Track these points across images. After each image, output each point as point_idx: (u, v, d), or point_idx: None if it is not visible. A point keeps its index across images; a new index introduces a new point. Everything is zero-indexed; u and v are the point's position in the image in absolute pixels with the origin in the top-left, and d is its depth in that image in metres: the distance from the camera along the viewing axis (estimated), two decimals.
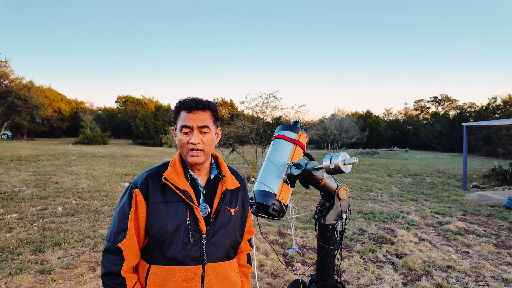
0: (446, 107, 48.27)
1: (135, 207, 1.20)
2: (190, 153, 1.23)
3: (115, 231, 1.21)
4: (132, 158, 14.97)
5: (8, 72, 26.80)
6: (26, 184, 7.69)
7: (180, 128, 1.23)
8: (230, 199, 1.33)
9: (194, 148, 1.22)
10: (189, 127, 1.22)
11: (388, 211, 6.63)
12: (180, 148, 1.25)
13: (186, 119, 1.22)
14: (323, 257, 1.80)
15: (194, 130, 1.23)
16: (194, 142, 1.21)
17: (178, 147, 1.26)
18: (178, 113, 1.26)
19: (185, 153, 1.25)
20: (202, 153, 1.24)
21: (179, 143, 1.25)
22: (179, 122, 1.25)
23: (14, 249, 3.87)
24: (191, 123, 1.22)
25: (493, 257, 4.29)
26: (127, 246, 1.19)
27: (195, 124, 1.22)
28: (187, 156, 1.24)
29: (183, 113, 1.24)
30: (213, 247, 1.24)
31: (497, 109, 31.19)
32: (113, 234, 1.21)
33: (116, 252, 1.19)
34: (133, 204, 1.20)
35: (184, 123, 1.22)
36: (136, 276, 1.24)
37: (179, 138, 1.24)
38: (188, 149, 1.23)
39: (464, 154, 10.51)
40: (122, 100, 44.28)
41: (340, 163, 1.56)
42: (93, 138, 26.87)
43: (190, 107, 1.23)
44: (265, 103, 10.44)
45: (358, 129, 26.40)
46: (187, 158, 1.25)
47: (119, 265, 1.18)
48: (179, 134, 1.24)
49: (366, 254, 4.24)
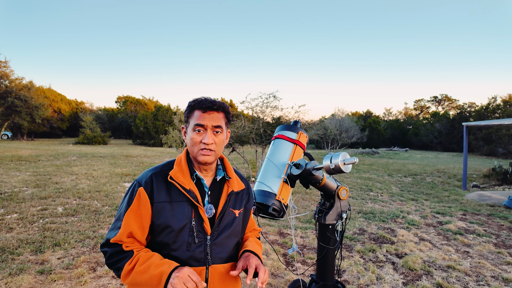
0: (446, 106, 48.28)
1: (138, 205, 1.18)
2: (201, 152, 1.22)
3: (112, 227, 1.21)
4: (132, 158, 14.96)
5: (8, 72, 26.78)
6: (26, 185, 7.69)
7: (194, 127, 1.22)
8: (235, 201, 1.32)
9: (206, 147, 1.22)
10: (203, 126, 1.22)
11: (388, 211, 6.63)
12: (191, 146, 1.24)
13: (200, 118, 1.22)
14: (323, 257, 1.80)
15: (208, 130, 1.22)
16: (208, 142, 1.21)
17: (189, 145, 1.25)
18: (191, 112, 1.25)
19: (195, 151, 1.23)
20: (213, 153, 1.24)
21: (190, 141, 1.23)
22: (192, 120, 1.24)
23: (14, 249, 3.87)
24: (206, 122, 1.21)
25: (493, 257, 4.29)
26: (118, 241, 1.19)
27: (210, 123, 1.22)
28: (198, 155, 1.23)
29: (197, 112, 1.23)
30: (217, 249, 1.24)
31: (497, 109, 31.18)
32: (109, 230, 1.21)
33: (109, 245, 1.19)
34: (135, 203, 1.19)
35: (198, 121, 1.21)
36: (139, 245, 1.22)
37: (192, 137, 1.23)
38: (200, 148, 1.22)
39: (464, 154, 10.50)
40: (122, 100, 44.27)
41: (340, 163, 1.55)
42: (93, 138, 26.86)
43: (206, 107, 1.22)
44: (265, 103, 10.44)
45: (358, 129, 26.40)
46: (197, 157, 1.24)
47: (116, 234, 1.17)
48: (192, 132, 1.23)
49: (366, 254, 4.24)
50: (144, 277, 1.11)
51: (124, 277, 1.14)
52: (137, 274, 1.12)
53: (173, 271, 1.09)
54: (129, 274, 1.13)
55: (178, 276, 1.06)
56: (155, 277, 1.09)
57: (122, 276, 1.14)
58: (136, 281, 1.13)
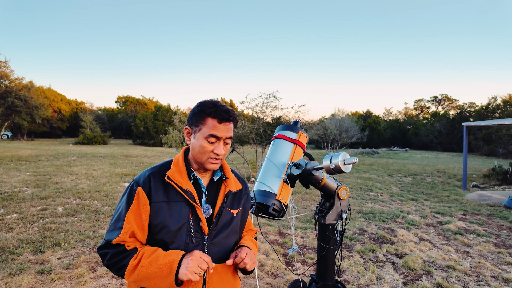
0: (446, 106, 48.28)
1: (137, 205, 1.18)
2: (210, 161, 1.23)
3: (111, 228, 1.20)
4: (132, 158, 14.96)
5: (8, 72, 26.78)
6: (26, 185, 7.68)
7: (208, 137, 1.21)
8: (232, 201, 1.33)
9: (217, 157, 1.23)
10: (218, 138, 1.22)
11: (388, 210, 6.63)
12: (199, 154, 1.23)
13: (216, 129, 1.20)
14: (323, 257, 1.80)
15: (221, 141, 1.23)
16: (220, 153, 1.22)
17: (196, 152, 1.23)
18: (204, 119, 1.22)
19: (204, 159, 1.23)
20: (220, 161, 1.26)
21: (200, 149, 1.22)
22: (205, 128, 1.21)
23: (14, 249, 3.87)
24: (221, 134, 1.21)
25: (493, 257, 4.29)
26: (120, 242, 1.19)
27: (224, 135, 1.22)
28: (207, 163, 1.23)
29: (212, 121, 1.21)
30: (215, 248, 1.24)
31: (497, 109, 31.19)
32: (108, 232, 1.20)
33: (110, 247, 1.18)
34: (135, 203, 1.18)
35: (214, 133, 1.20)
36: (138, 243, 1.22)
37: (203, 145, 1.21)
38: (209, 157, 1.23)
39: (464, 154, 10.50)
40: (122, 100, 44.26)
41: (340, 163, 1.55)
42: (93, 138, 26.86)
43: (222, 118, 1.21)
44: (265, 103, 10.44)
45: (358, 129, 26.40)
46: (205, 165, 1.24)
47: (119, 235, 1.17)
48: (203, 141, 1.21)
49: (366, 254, 4.24)
50: (152, 268, 1.11)
51: (129, 274, 1.14)
52: (144, 267, 1.12)
53: (183, 258, 1.12)
54: (135, 269, 1.13)
55: (192, 259, 1.10)
56: (164, 267, 1.10)
57: (127, 273, 1.14)
58: (143, 274, 1.12)
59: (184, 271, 1.08)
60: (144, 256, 1.14)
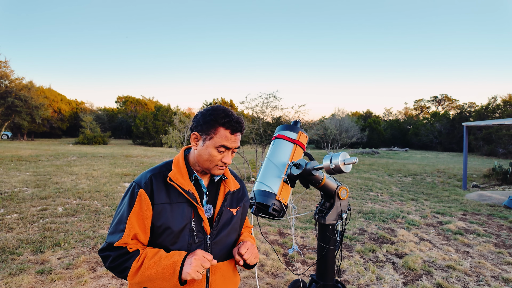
0: (446, 106, 48.28)
1: (139, 207, 1.18)
2: (217, 168, 1.25)
3: (113, 231, 1.19)
4: (132, 158, 14.96)
5: (8, 72, 26.79)
6: (26, 185, 7.69)
7: (219, 147, 1.21)
8: (232, 200, 1.35)
9: (224, 165, 1.26)
10: (229, 148, 1.23)
11: (388, 210, 6.63)
12: (207, 161, 1.23)
13: (228, 140, 1.22)
14: (323, 257, 1.80)
15: (230, 151, 1.25)
16: (228, 162, 1.25)
17: (205, 160, 1.24)
18: (216, 128, 1.21)
19: (211, 167, 1.25)
20: (226, 167, 1.30)
21: (209, 157, 1.22)
22: (217, 138, 1.21)
23: (14, 249, 3.87)
24: (232, 144, 1.23)
25: (493, 257, 4.29)
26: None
27: (234, 145, 1.24)
28: (214, 170, 1.25)
29: (223, 131, 1.21)
30: (217, 247, 1.26)
31: (497, 109, 31.19)
32: (110, 234, 1.19)
33: (112, 249, 1.18)
34: (137, 204, 1.18)
35: (225, 143, 1.21)
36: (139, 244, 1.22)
37: (212, 154, 1.22)
38: (217, 165, 1.25)
39: (464, 154, 10.50)
40: (122, 100, 44.27)
41: (340, 163, 1.55)
42: (93, 138, 26.86)
43: (235, 130, 1.23)
44: (265, 103, 10.44)
45: (358, 129, 26.41)
46: (212, 171, 1.26)
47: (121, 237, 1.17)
48: (213, 150, 1.21)
49: (366, 254, 4.24)
50: (155, 270, 1.12)
51: (132, 276, 1.14)
52: (147, 268, 1.12)
53: (185, 258, 1.13)
54: (138, 271, 1.13)
55: (196, 259, 1.11)
56: (167, 268, 1.11)
57: (130, 275, 1.14)
58: (146, 276, 1.13)
59: (187, 271, 1.09)
60: (147, 257, 1.14)
